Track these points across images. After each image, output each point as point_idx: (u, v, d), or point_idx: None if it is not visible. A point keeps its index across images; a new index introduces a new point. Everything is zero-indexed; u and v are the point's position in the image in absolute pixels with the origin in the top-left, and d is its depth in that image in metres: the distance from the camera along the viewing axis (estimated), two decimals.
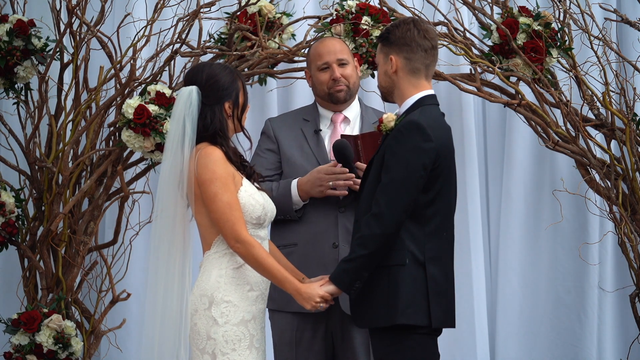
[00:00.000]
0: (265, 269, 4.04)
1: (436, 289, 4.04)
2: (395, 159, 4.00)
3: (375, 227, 3.97)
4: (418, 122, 4.02)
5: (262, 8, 5.28)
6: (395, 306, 3.99)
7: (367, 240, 3.98)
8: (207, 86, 4.11)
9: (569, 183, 5.52)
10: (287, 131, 4.79)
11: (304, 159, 4.72)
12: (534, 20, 5.15)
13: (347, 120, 4.78)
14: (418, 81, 4.14)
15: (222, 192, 4.02)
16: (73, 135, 5.26)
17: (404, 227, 4.01)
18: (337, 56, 4.72)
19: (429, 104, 4.14)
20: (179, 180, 4.10)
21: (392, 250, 4.01)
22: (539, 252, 5.94)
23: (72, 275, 5.24)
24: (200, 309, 4.05)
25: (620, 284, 5.74)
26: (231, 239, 4.02)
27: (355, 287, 4.03)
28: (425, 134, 4.01)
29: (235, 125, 4.16)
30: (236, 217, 4.03)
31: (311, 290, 4.04)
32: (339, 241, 4.60)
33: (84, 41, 5.27)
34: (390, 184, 3.99)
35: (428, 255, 4.04)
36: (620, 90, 5.22)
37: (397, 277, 4.01)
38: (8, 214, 5.22)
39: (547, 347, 5.92)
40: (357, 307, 4.10)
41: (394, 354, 4.04)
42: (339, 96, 4.72)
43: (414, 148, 4.00)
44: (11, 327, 5.14)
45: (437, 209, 4.07)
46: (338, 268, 4.06)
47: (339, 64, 4.72)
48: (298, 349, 4.66)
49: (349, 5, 5.17)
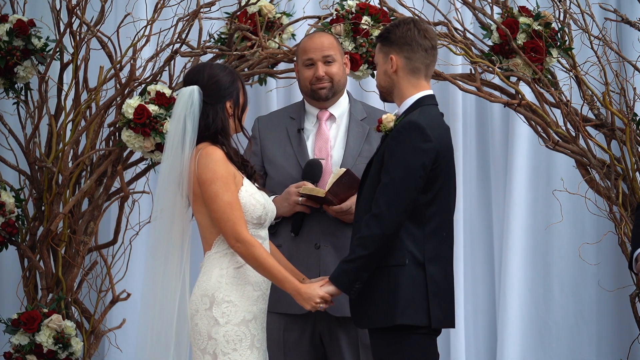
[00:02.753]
0: (265, 268, 4.04)
1: (435, 289, 4.04)
2: (395, 160, 4.00)
3: (375, 227, 3.97)
4: (417, 122, 4.02)
5: (262, 8, 5.28)
6: (395, 306, 3.99)
7: (367, 241, 3.98)
8: (209, 85, 4.11)
9: (569, 183, 5.52)
10: (272, 130, 4.77)
11: (284, 159, 4.70)
12: (534, 20, 5.15)
13: (333, 117, 4.75)
14: (418, 81, 4.13)
15: (223, 192, 4.02)
16: (73, 135, 5.26)
17: (404, 228, 4.01)
18: (323, 53, 4.68)
19: (428, 104, 4.13)
20: (179, 180, 4.10)
21: (392, 251, 4.01)
22: (539, 251, 5.94)
23: (72, 275, 5.24)
24: (201, 309, 4.05)
25: (620, 284, 5.74)
26: (232, 239, 4.02)
27: (355, 287, 4.02)
28: (425, 134, 4.01)
29: (236, 124, 4.17)
30: (237, 216, 4.03)
31: (311, 291, 4.04)
32: (320, 242, 4.60)
33: (84, 41, 5.27)
34: (390, 184, 3.98)
35: (427, 256, 4.04)
36: (620, 90, 5.22)
37: (396, 277, 4.01)
38: (8, 214, 5.22)
39: (547, 347, 5.92)
40: (356, 308, 4.10)
41: (393, 354, 4.04)
42: (321, 93, 4.69)
43: (414, 148, 4.00)
44: (11, 327, 5.13)
45: (436, 209, 4.07)
46: (338, 269, 4.06)
47: (325, 61, 4.68)
48: (285, 349, 4.66)
49: (349, 5, 5.16)
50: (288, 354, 4.66)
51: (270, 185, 4.70)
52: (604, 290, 5.78)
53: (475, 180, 5.99)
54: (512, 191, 5.87)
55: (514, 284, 5.87)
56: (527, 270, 5.91)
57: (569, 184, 5.51)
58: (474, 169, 5.97)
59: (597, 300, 5.90)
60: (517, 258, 5.89)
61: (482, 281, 6.01)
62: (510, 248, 5.86)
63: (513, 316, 5.86)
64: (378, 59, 4.18)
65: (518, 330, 5.87)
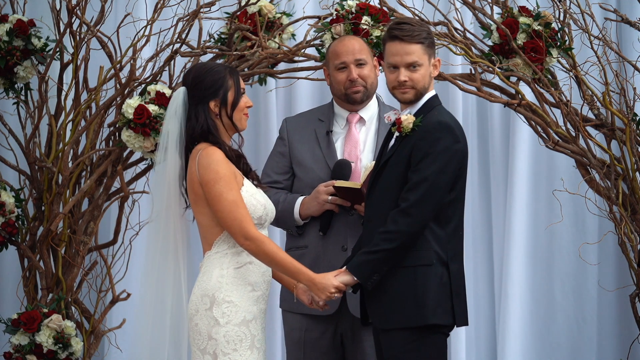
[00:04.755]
0: (278, 262, 4.04)
1: (458, 289, 4.13)
2: (428, 160, 4.05)
3: (402, 223, 4.02)
4: (448, 123, 4.12)
5: (262, 8, 5.28)
6: (426, 306, 4.04)
7: (393, 236, 4.02)
8: (192, 87, 4.13)
9: (569, 183, 5.52)
10: (301, 132, 4.78)
11: (313, 161, 4.72)
12: (534, 20, 5.15)
13: (363, 120, 4.76)
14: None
15: (227, 191, 4.03)
16: (73, 135, 5.26)
17: (428, 228, 4.06)
18: (355, 56, 4.70)
19: (439, 104, 4.24)
20: (168, 181, 4.12)
21: (419, 251, 4.06)
22: (539, 251, 5.94)
23: (72, 275, 5.24)
24: (202, 309, 4.05)
25: (620, 284, 5.74)
26: (240, 237, 4.02)
27: (372, 279, 4.06)
28: (455, 135, 4.11)
29: (225, 123, 4.15)
30: (243, 214, 4.03)
31: (326, 281, 4.05)
32: (347, 244, 4.60)
33: (83, 41, 5.27)
34: (422, 183, 4.03)
35: (450, 255, 4.11)
36: (620, 90, 5.22)
37: (425, 278, 4.05)
38: (8, 214, 5.21)
39: (547, 347, 5.92)
40: (375, 307, 4.12)
41: (410, 352, 4.07)
42: (356, 97, 4.71)
43: (446, 149, 4.08)
44: (11, 327, 5.13)
45: (456, 209, 4.15)
46: (357, 259, 4.08)
47: (357, 64, 4.70)
48: (306, 349, 4.66)
49: (349, 5, 5.16)
50: (307, 354, 4.67)
51: (299, 187, 4.72)
52: (604, 290, 5.78)
53: (476, 180, 5.99)
54: (513, 191, 5.87)
55: (514, 284, 5.87)
56: (528, 270, 5.91)
57: (569, 184, 5.50)
58: (474, 169, 5.96)
59: (598, 300, 5.90)
60: (518, 258, 5.89)
61: (482, 281, 6.01)
62: (511, 248, 5.86)
63: (513, 316, 5.86)
64: (423, 61, 4.18)
65: (518, 330, 5.87)
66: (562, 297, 5.91)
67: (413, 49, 4.17)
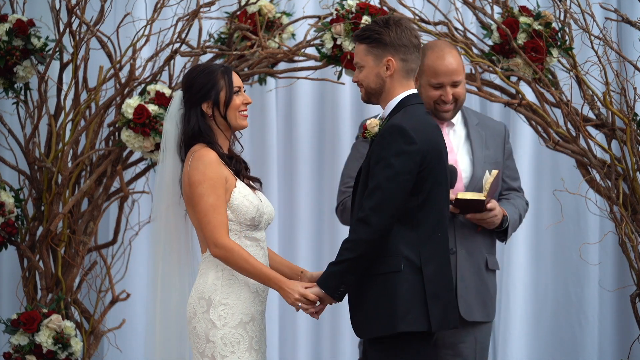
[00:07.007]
0: (246, 270, 4.02)
1: (433, 291, 3.99)
2: (380, 165, 3.95)
3: (361, 232, 3.93)
4: (400, 125, 3.96)
5: (262, 8, 5.27)
6: (395, 314, 3.95)
7: (353, 245, 3.95)
8: (185, 90, 4.16)
9: (570, 183, 5.51)
10: None
11: None
12: (534, 20, 5.14)
13: (451, 123, 4.66)
14: (408, 82, 4.08)
15: (208, 194, 4.00)
16: (72, 135, 5.26)
17: (397, 233, 3.97)
18: (453, 78, 4.53)
19: (413, 103, 4.06)
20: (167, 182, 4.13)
21: (386, 257, 3.97)
22: (540, 251, 5.93)
23: (71, 276, 5.24)
24: (199, 312, 4.04)
25: (621, 283, 5.74)
26: (210, 244, 4.01)
27: (340, 290, 3.99)
28: (409, 137, 3.94)
29: (221, 124, 4.14)
30: (218, 220, 4.01)
31: (293, 286, 4.03)
32: (455, 247, 4.54)
33: (83, 41, 5.26)
34: (376, 189, 3.93)
35: (424, 258, 3.99)
36: (621, 90, 5.21)
37: (393, 284, 3.96)
38: (7, 214, 5.21)
39: (547, 347, 5.92)
40: (355, 318, 4.07)
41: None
42: (445, 116, 4.58)
43: (398, 152, 3.94)
44: (11, 327, 5.13)
45: (428, 211, 4.01)
46: (325, 271, 4.03)
47: (452, 84, 4.55)
48: None
49: (349, 4, 5.16)
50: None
51: None
52: (604, 290, 5.77)
53: None
54: None
55: (515, 284, 5.87)
56: (528, 270, 5.91)
57: (569, 184, 5.50)
58: None
59: (598, 300, 5.89)
60: (519, 258, 5.88)
61: None
62: (512, 248, 5.86)
63: (514, 316, 5.85)
64: (367, 61, 4.06)
65: (519, 329, 5.87)
66: (563, 297, 5.91)
67: (357, 50, 4.10)
